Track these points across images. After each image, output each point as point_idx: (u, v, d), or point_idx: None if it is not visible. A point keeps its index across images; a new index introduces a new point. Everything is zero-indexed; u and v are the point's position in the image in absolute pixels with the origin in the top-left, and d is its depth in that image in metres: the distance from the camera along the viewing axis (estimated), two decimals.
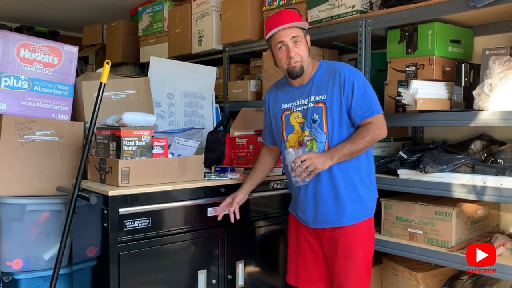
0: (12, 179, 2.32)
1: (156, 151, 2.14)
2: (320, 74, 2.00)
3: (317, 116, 1.97)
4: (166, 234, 2.12)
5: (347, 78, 1.93)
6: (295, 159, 1.86)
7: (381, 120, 1.95)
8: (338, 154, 1.89)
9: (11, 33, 2.44)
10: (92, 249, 2.15)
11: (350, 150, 1.90)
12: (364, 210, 2.02)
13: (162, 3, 4.03)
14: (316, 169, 1.86)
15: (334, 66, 2.00)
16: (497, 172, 2.05)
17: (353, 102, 1.92)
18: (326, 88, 1.96)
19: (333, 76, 1.96)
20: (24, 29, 5.20)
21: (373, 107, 1.93)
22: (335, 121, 1.94)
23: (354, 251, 2.00)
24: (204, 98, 3.19)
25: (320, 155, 1.88)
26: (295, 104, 2.04)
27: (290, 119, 2.06)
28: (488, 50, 2.20)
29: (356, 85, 1.92)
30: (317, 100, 1.97)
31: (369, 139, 1.91)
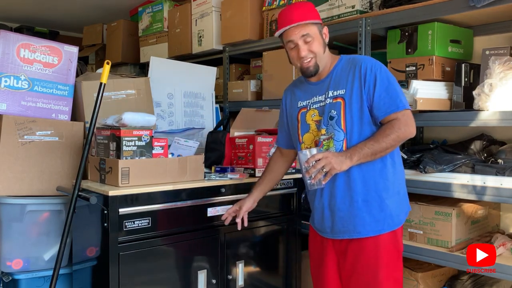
0: (12, 179, 2.32)
1: (156, 151, 2.14)
2: (339, 68, 1.84)
3: (334, 112, 1.78)
4: (166, 234, 2.12)
5: (368, 70, 1.75)
6: (309, 159, 1.66)
7: (408, 117, 1.72)
8: (358, 153, 1.68)
9: (11, 33, 2.44)
10: (92, 249, 2.15)
11: (372, 149, 1.68)
12: (388, 221, 1.77)
13: (162, 3, 4.03)
14: (333, 170, 1.65)
15: (355, 59, 1.83)
16: (497, 172, 2.05)
17: (375, 96, 1.73)
18: (345, 82, 1.79)
19: (353, 69, 1.78)
20: (24, 29, 5.20)
21: (397, 102, 1.71)
22: (355, 117, 1.75)
23: (375, 268, 1.76)
24: (204, 98, 3.19)
25: (338, 154, 1.68)
26: (312, 101, 1.88)
27: (306, 117, 1.89)
28: (488, 50, 2.20)
29: (379, 78, 1.73)
30: (335, 95, 1.80)
31: (394, 137, 1.69)
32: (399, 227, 1.83)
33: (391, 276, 1.80)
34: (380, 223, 1.78)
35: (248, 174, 2.42)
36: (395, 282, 1.81)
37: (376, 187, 1.77)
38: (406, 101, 1.75)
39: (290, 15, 1.82)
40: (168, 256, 2.16)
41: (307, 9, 1.83)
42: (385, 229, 1.78)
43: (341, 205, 1.80)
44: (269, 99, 3.10)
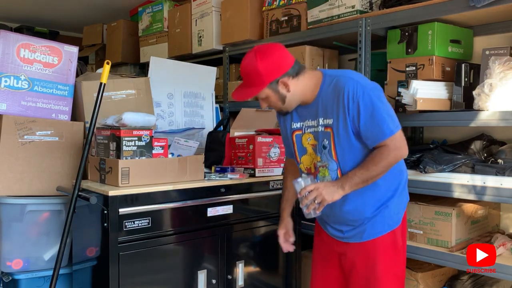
0: (12, 179, 2.32)
1: (156, 151, 2.14)
2: (324, 93, 1.78)
3: (326, 142, 1.79)
4: (166, 234, 2.12)
5: (350, 98, 1.68)
6: (301, 190, 1.71)
7: (397, 140, 1.69)
8: (349, 183, 1.70)
9: (11, 33, 2.44)
10: (92, 249, 2.15)
11: (362, 178, 1.70)
12: (388, 222, 1.82)
13: (162, 3, 4.03)
14: (324, 201, 1.69)
15: (338, 83, 1.73)
16: (497, 172, 2.05)
17: (360, 125, 1.69)
18: (331, 111, 1.75)
19: (337, 97, 1.72)
20: (24, 29, 5.20)
21: (384, 129, 1.67)
22: (345, 147, 1.75)
23: (373, 264, 1.81)
24: (204, 98, 3.19)
25: (330, 185, 1.71)
26: (305, 124, 1.86)
27: (302, 140, 1.89)
28: (488, 50, 2.20)
29: (362, 106, 1.67)
30: (325, 124, 1.78)
31: (385, 163, 1.69)
32: (398, 225, 1.85)
33: (390, 271, 1.82)
34: (380, 226, 1.82)
35: (248, 174, 2.42)
36: (394, 277, 1.84)
37: (375, 192, 1.79)
38: (394, 124, 1.69)
39: (235, 93, 1.82)
40: (168, 256, 2.16)
41: (251, 77, 1.76)
42: (385, 230, 1.82)
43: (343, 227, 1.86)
44: None
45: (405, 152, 1.72)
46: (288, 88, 1.76)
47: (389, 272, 1.83)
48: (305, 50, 2.84)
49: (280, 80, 1.74)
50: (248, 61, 1.75)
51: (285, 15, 3.02)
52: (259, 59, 1.71)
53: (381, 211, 1.82)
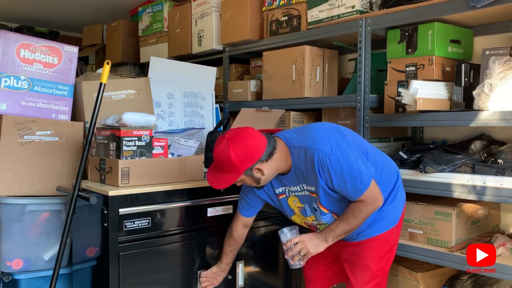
0: (12, 179, 2.32)
1: (156, 151, 2.14)
2: (297, 163, 1.83)
3: (316, 205, 1.89)
4: (166, 234, 2.12)
5: (320, 169, 1.76)
6: (287, 242, 1.82)
7: (372, 193, 1.78)
8: (332, 236, 1.82)
9: (11, 33, 2.44)
10: (92, 249, 2.15)
11: (343, 230, 1.82)
12: (385, 222, 1.94)
13: (162, 3, 4.03)
14: (309, 254, 1.81)
15: (306, 154, 1.78)
16: (497, 172, 2.05)
17: (335, 187, 1.78)
18: (310, 180, 1.83)
19: (310, 167, 1.79)
20: (24, 29, 5.20)
21: (358, 186, 1.75)
22: (332, 202, 1.85)
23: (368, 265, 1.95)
24: (204, 98, 3.19)
25: (314, 238, 1.82)
26: (288, 189, 1.93)
27: (288, 202, 1.97)
28: (488, 50, 2.20)
29: (332, 171, 1.75)
30: (309, 190, 1.87)
31: (363, 215, 1.80)
32: (395, 225, 1.96)
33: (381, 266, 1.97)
34: (377, 226, 1.93)
35: None
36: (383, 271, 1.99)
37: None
38: (366, 177, 1.75)
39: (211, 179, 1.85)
40: (168, 256, 2.16)
41: (226, 166, 1.77)
42: (383, 230, 1.93)
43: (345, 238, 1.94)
44: (269, 99, 3.11)
45: (380, 202, 1.83)
46: (262, 172, 1.81)
47: (379, 270, 1.96)
48: (305, 50, 2.84)
49: (254, 167, 1.79)
50: (221, 149, 1.75)
51: (285, 15, 3.02)
52: (231, 150, 1.73)
53: (377, 216, 1.91)
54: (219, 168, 1.81)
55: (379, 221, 1.92)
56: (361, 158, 1.80)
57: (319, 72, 2.89)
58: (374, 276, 1.95)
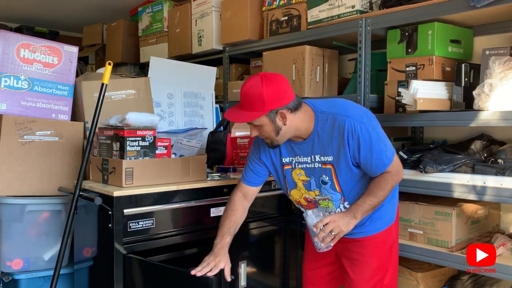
0: (12, 179, 2.32)
1: (160, 151, 2.13)
2: (320, 131, 1.79)
3: (326, 178, 1.83)
4: (170, 234, 2.12)
5: (349, 134, 1.73)
6: (317, 223, 1.75)
7: (396, 166, 1.79)
8: (361, 211, 1.78)
9: (11, 33, 2.44)
10: (94, 249, 2.15)
11: (372, 204, 1.79)
12: (384, 219, 1.93)
13: (162, 3, 4.03)
14: (341, 232, 1.75)
15: (335, 120, 1.76)
16: (497, 172, 2.05)
17: (361, 159, 1.75)
18: (331, 148, 1.78)
19: (337, 133, 1.75)
20: (24, 29, 5.20)
21: (384, 160, 1.75)
22: (348, 179, 1.82)
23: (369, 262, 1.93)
24: (204, 98, 3.19)
25: (343, 216, 1.77)
26: (296, 160, 1.88)
27: (292, 175, 1.91)
28: (488, 50, 2.20)
29: (362, 141, 1.72)
30: (323, 161, 1.81)
31: (389, 188, 1.79)
32: (392, 223, 1.96)
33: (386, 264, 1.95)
34: (377, 224, 1.93)
35: None
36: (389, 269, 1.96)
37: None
38: (391, 151, 1.77)
39: (240, 108, 1.76)
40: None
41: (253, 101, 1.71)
42: (382, 227, 1.94)
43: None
44: None
45: (402, 174, 1.84)
46: (285, 121, 1.76)
47: (382, 266, 1.94)
48: (305, 50, 2.84)
49: (279, 111, 1.73)
50: (252, 84, 1.71)
51: (285, 15, 3.02)
52: (265, 84, 1.69)
53: (378, 213, 1.90)
54: (244, 106, 1.73)
55: (379, 218, 1.92)
56: (385, 134, 1.81)
57: (319, 72, 2.89)
58: (375, 273, 1.94)
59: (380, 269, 1.95)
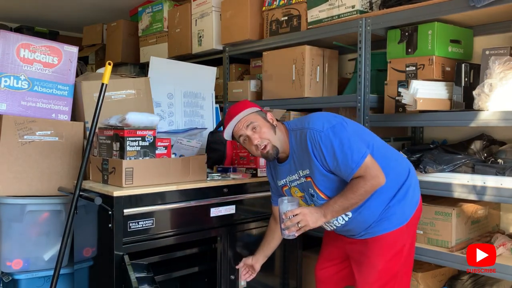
0: (12, 179, 2.32)
1: (160, 151, 2.13)
2: (295, 147, 1.88)
3: (311, 190, 1.90)
4: (170, 234, 2.12)
5: (312, 145, 1.80)
6: (287, 212, 1.79)
7: (370, 169, 1.76)
8: (330, 211, 1.80)
9: (11, 33, 2.44)
10: (94, 249, 2.15)
11: (342, 206, 1.79)
12: (392, 220, 1.89)
13: (162, 3, 4.03)
14: (307, 226, 1.78)
15: (301, 134, 1.84)
16: (497, 172, 2.05)
17: (329, 165, 1.80)
18: (305, 163, 1.86)
19: (304, 147, 1.83)
20: (24, 29, 5.20)
21: (350, 164, 1.75)
22: (330, 185, 1.85)
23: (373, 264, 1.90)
24: (204, 98, 3.19)
25: (314, 212, 1.80)
26: (289, 179, 1.96)
27: (292, 194, 1.99)
28: (488, 50, 2.20)
29: (323, 148, 1.78)
30: (304, 174, 1.88)
31: (362, 192, 1.77)
32: (404, 224, 1.90)
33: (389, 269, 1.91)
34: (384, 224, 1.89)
35: (251, 174, 2.41)
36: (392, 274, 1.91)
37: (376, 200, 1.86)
38: (358, 155, 1.75)
39: (229, 115, 1.89)
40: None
41: (242, 105, 1.90)
42: (389, 228, 1.89)
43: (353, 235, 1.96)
44: (269, 99, 3.11)
45: (382, 180, 1.79)
46: (274, 121, 1.89)
47: (386, 270, 1.90)
48: (305, 50, 2.84)
49: (266, 112, 1.90)
50: (233, 108, 1.89)
51: (285, 15, 3.02)
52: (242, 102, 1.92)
53: (384, 212, 1.89)
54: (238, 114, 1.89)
55: (386, 219, 1.88)
56: (356, 139, 1.80)
57: (319, 72, 2.89)
58: (380, 276, 1.90)
59: (385, 273, 1.90)
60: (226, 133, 1.91)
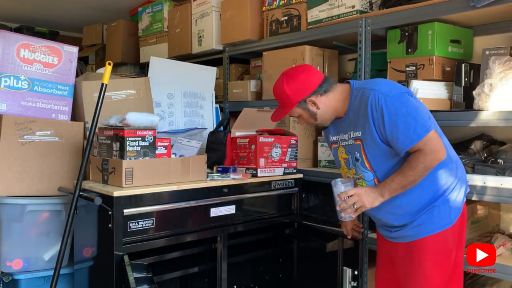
0: (12, 179, 2.32)
1: (160, 151, 2.13)
2: (352, 106, 1.82)
3: (358, 154, 1.83)
4: (170, 234, 2.12)
5: (373, 108, 1.72)
6: (341, 194, 1.74)
7: (430, 143, 1.67)
8: (388, 190, 1.72)
9: (11, 33, 2.44)
10: (94, 250, 2.15)
11: (400, 184, 1.71)
12: (436, 221, 1.79)
13: (162, 3, 4.03)
14: (363, 207, 1.73)
15: (362, 96, 1.77)
16: (497, 172, 2.05)
17: (387, 134, 1.71)
18: (359, 123, 1.79)
19: (363, 108, 1.76)
20: (24, 29, 5.20)
21: (411, 135, 1.66)
22: (377, 156, 1.77)
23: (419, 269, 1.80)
24: (204, 98, 3.19)
25: (370, 192, 1.74)
26: (340, 137, 1.92)
27: (338, 153, 1.95)
28: (488, 50, 2.20)
29: (386, 114, 1.69)
30: (354, 136, 1.82)
31: (421, 168, 1.68)
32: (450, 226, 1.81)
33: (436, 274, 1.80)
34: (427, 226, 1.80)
35: (251, 174, 2.41)
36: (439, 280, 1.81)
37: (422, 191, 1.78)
38: (423, 127, 1.68)
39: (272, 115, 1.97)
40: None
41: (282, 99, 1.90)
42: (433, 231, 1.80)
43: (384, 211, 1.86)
44: (269, 99, 3.10)
45: (443, 155, 1.71)
46: (317, 106, 1.86)
47: (435, 276, 1.79)
48: (305, 50, 2.84)
49: (307, 99, 1.86)
50: (277, 85, 1.89)
51: (285, 15, 3.02)
52: (285, 83, 1.85)
53: (428, 211, 1.80)
54: (279, 104, 1.93)
55: (429, 220, 1.79)
56: (422, 113, 1.71)
57: None
58: (428, 282, 1.79)
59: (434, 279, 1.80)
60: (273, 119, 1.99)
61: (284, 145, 2.47)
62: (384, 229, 1.96)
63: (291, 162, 2.51)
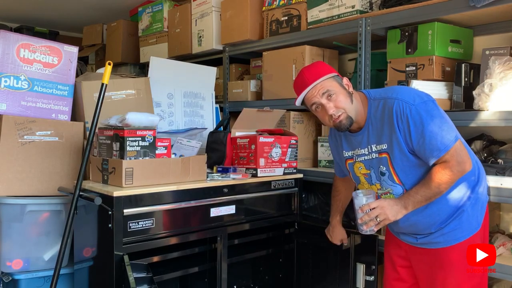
0: (12, 179, 2.32)
1: (160, 151, 2.13)
2: (373, 116, 1.74)
3: (384, 168, 1.74)
4: (170, 234, 2.12)
5: (398, 117, 1.65)
6: (363, 206, 1.67)
7: (457, 154, 1.62)
8: (412, 202, 1.66)
9: (11, 33, 2.44)
10: (94, 250, 2.15)
11: (425, 196, 1.65)
12: (465, 227, 1.74)
13: (162, 3, 4.03)
14: (387, 220, 1.65)
15: (386, 104, 1.69)
16: (497, 172, 2.05)
17: (414, 144, 1.65)
18: (384, 135, 1.71)
19: (388, 118, 1.68)
20: (24, 29, 5.20)
21: (438, 145, 1.60)
22: (406, 168, 1.70)
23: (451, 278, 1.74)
24: (204, 98, 3.19)
25: (393, 204, 1.66)
26: (356, 152, 1.84)
27: (354, 169, 1.87)
28: (488, 50, 2.20)
29: (411, 123, 1.63)
30: (379, 150, 1.74)
31: (447, 180, 1.62)
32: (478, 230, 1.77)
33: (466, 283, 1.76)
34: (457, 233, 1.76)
35: (251, 174, 2.41)
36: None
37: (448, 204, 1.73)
38: (450, 136, 1.63)
39: (303, 79, 1.76)
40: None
41: (318, 68, 1.77)
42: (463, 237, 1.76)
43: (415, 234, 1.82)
44: (269, 99, 3.11)
45: (469, 166, 1.67)
46: (350, 87, 1.77)
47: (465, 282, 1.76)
48: (305, 50, 2.84)
49: (343, 77, 1.78)
50: (306, 67, 1.81)
51: (285, 15, 3.02)
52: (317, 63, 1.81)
53: (457, 216, 1.75)
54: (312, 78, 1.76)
55: (459, 226, 1.74)
56: (447, 122, 1.66)
57: None
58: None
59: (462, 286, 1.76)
60: (298, 100, 1.78)
61: (284, 145, 2.48)
62: (407, 236, 1.86)
63: (291, 162, 2.51)
